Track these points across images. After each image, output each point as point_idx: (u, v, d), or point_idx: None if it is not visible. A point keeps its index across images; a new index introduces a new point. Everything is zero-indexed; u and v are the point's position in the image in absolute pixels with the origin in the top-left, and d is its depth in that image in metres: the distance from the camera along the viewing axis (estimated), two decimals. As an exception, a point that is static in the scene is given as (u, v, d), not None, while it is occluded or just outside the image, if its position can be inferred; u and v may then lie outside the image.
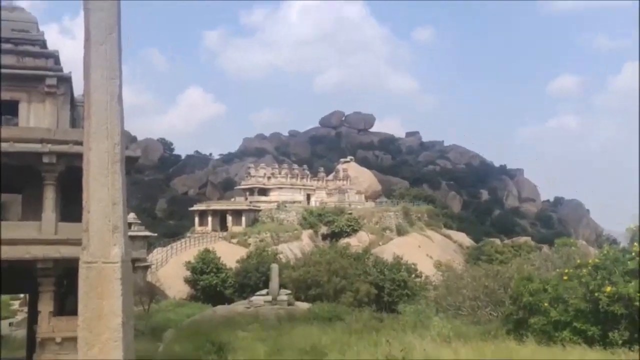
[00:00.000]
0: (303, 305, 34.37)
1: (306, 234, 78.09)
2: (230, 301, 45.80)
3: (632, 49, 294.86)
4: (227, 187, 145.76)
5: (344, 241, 74.39)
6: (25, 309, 39.19)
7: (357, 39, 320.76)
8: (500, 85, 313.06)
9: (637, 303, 14.57)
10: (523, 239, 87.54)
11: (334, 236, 79.32)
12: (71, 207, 17.61)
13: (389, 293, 49.75)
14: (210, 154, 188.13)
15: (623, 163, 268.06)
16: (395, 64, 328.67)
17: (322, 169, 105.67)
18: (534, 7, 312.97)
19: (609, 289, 15.00)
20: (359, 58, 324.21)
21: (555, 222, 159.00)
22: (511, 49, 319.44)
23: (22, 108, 20.64)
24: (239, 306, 34.67)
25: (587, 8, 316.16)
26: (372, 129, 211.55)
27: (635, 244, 16.10)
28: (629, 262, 15.56)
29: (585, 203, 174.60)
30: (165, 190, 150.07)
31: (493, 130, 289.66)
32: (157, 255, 63.59)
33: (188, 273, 55.60)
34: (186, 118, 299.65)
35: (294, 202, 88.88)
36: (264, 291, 35.73)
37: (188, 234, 78.36)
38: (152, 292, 42.96)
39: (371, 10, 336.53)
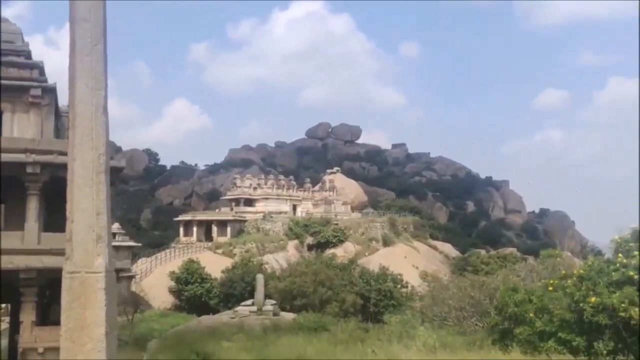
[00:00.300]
0: (288, 316, 34.31)
1: (292, 244, 77.97)
2: (215, 311, 45.64)
3: (617, 64, 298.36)
4: (212, 198, 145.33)
5: (330, 252, 74.33)
6: (7, 319, 38.76)
7: (343, 53, 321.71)
8: (486, 99, 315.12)
9: (621, 313, 14.70)
10: (509, 250, 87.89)
11: (320, 247, 79.20)
12: (54, 217, 17.53)
13: (375, 303, 49.73)
14: (196, 165, 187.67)
15: (608, 176, 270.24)
16: (382, 77, 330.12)
17: (308, 179, 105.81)
18: (520, 23, 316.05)
19: (593, 299, 15.12)
20: (346, 72, 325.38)
21: (540, 234, 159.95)
22: (497, 64, 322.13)
23: (6, 118, 20.54)
24: (224, 316, 34.54)
25: (572, 23, 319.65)
26: (359, 141, 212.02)
27: (620, 255, 16.25)
28: (613, 273, 15.69)
29: (571, 215, 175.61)
30: (150, 201, 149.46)
31: (479, 142, 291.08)
32: (141, 265, 63.27)
33: (172, 283, 55.39)
34: (172, 130, 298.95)
35: (280, 212, 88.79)
36: (249, 301, 35.64)
37: (173, 245, 78.02)
38: (136, 302, 42.69)
39: (358, 25, 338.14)
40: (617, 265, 15.87)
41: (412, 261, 76.09)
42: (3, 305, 48.97)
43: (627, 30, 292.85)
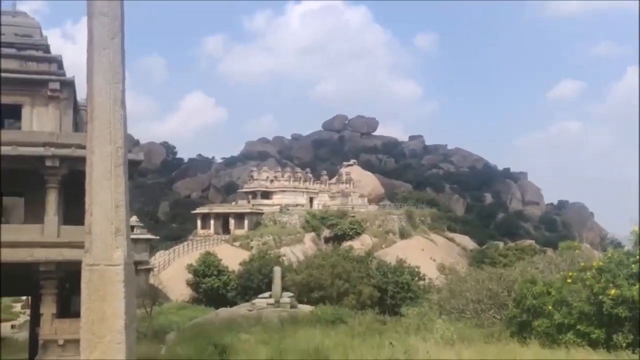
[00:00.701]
0: (306, 308, 34.39)
1: (309, 237, 78.20)
2: (232, 304, 45.87)
3: (634, 55, 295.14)
4: (229, 191, 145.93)
5: (346, 244, 74.52)
6: (27, 311, 39.26)
7: (359, 45, 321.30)
8: (502, 91, 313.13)
9: (640, 306, 14.57)
10: (527, 242, 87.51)
11: (337, 239, 79.40)
12: (73, 210, 17.69)
13: (392, 296, 49.85)
14: (213, 158, 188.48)
15: (626, 167, 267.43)
16: (398, 69, 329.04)
17: (325, 172, 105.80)
18: (536, 13, 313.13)
19: (613, 291, 15.00)
20: (362, 64, 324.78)
21: (559, 225, 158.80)
22: (513, 55, 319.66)
23: (26, 112, 20.72)
24: (242, 309, 34.70)
25: (589, 13, 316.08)
26: (375, 133, 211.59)
27: None
28: (632, 265, 15.56)
29: (589, 206, 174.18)
30: (167, 194, 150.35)
31: (496, 134, 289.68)
32: (159, 258, 63.76)
33: (190, 276, 55.75)
34: (188, 122, 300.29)
35: (297, 205, 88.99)
36: (267, 294, 35.76)
37: (190, 237, 78.51)
38: (154, 295, 42.99)
39: (374, 16, 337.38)
40: (637, 257, 15.73)
41: (429, 253, 76.00)
42: (24, 298, 49.64)
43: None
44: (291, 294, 37.02)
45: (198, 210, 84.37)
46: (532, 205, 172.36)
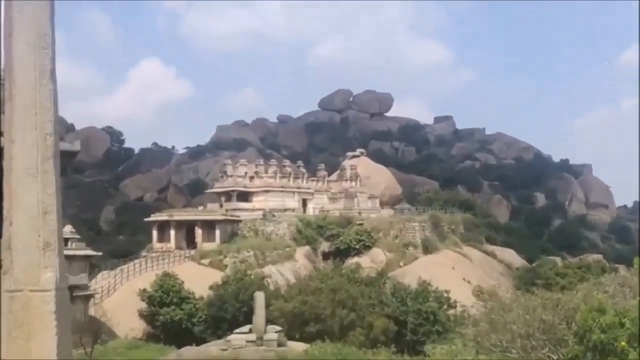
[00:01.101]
0: (298, 347, 34.45)
1: (302, 252, 78.18)
2: (200, 341, 45.81)
3: None
4: (195, 191, 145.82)
5: (352, 261, 74.49)
6: None
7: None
8: (557, 59, 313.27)
9: None
10: (592, 257, 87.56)
11: (339, 255, 79.41)
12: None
13: (413, 330, 49.80)
14: (173, 148, 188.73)
15: None
16: (420, 29, 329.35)
17: (322, 166, 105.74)
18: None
19: None
20: (372, 21, 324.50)
21: (634, 235, 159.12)
22: (568, 18, 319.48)
23: None
24: (213, 348, 34.72)
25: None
26: (390, 113, 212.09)
27: None
28: None
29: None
30: (113, 195, 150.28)
31: (550, 114, 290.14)
32: (102, 281, 63.66)
33: (144, 305, 55.65)
34: (140, 100, 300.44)
35: (286, 209, 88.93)
36: (246, 328, 35.80)
37: (144, 253, 78.37)
38: (96, 330, 42.98)
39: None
40: None
41: (462, 273, 75.99)
42: None
43: None
44: (279, 328, 37.06)
45: (153, 218, 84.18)
46: (599, 209, 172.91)
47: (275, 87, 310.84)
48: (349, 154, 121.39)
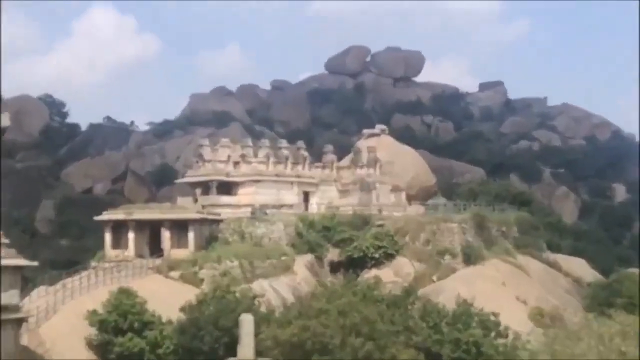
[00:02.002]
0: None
1: (302, 261, 78.14)
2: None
3: None
4: (161, 181, 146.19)
5: (369, 274, 74.44)
6: None
7: None
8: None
9: None
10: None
11: (352, 266, 79.51)
12: None
13: (451, 365, 49.91)
14: (132, 123, 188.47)
15: None
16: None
17: (330, 147, 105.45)
18: None
19: None
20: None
21: None
22: None
23: None
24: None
25: None
26: (420, 78, 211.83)
27: None
28: None
29: None
30: (52, 186, 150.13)
31: (634, 82, 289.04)
32: (38, 299, 63.60)
33: (93, 331, 55.65)
34: (89, 61, 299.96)
35: (282, 205, 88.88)
36: (229, 362, 35.88)
37: (93, 263, 78.37)
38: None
39: None
40: None
41: (515, 290, 75.91)
42: None
43: None
44: (272, 362, 37.13)
45: (106, 216, 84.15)
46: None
47: (268, 43, 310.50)
48: (366, 131, 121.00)
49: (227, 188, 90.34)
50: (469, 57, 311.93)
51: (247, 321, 36.69)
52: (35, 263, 59.34)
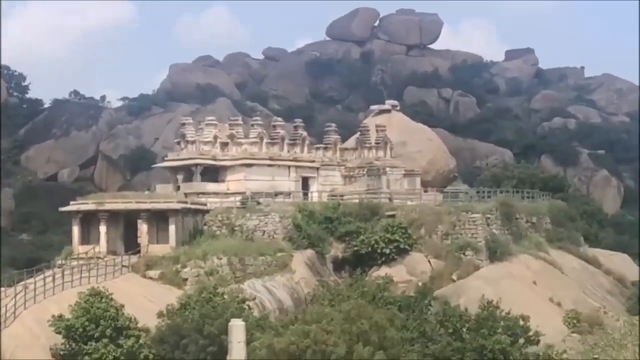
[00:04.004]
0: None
1: (301, 258, 78.25)
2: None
3: None
4: (137, 165, 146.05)
5: (379, 273, 74.58)
6: None
7: None
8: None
9: None
10: None
11: (360, 263, 79.80)
12: None
13: (474, 376, 50.03)
14: (103, 98, 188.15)
15: None
16: None
17: (333, 126, 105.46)
18: None
19: None
20: None
21: None
22: None
23: None
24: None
25: None
26: (437, 45, 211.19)
27: None
28: None
29: None
30: (11, 172, 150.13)
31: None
32: (-4, 303, 63.78)
33: (59, 338, 55.67)
34: (53, 25, 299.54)
35: (277, 193, 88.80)
36: (216, 375, 35.99)
37: (59, 261, 78.39)
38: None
39: None
40: None
41: (548, 290, 76.08)
42: None
43: None
44: (266, 375, 37.22)
45: (74, 206, 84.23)
46: None
47: (259, 4, 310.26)
48: (374, 107, 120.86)
49: (213, 173, 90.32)
50: (493, 20, 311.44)
51: (237, 327, 36.75)
52: (-7, 261, 59.48)
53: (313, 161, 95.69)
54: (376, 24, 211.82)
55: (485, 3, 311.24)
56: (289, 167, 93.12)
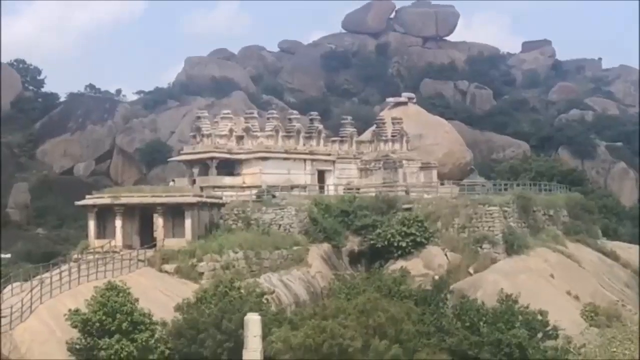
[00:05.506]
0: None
1: (318, 252, 78.29)
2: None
3: None
4: (153, 159, 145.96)
5: (395, 266, 74.59)
6: None
7: None
8: None
9: None
10: None
11: (376, 256, 79.80)
12: None
13: (492, 370, 49.96)
14: (119, 92, 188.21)
15: None
16: None
17: (349, 119, 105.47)
18: None
19: None
20: None
21: None
22: None
23: None
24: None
25: None
26: (453, 37, 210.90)
27: None
28: None
29: None
30: (26, 166, 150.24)
31: None
32: (12, 298, 63.75)
33: (75, 333, 55.64)
34: (67, 19, 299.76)
35: (293, 186, 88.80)
36: (233, 370, 35.94)
37: (75, 255, 78.43)
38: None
39: None
40: None
41: (565, 283, 75.92)
42: None
43: None
44: (283, 369, 37.17)
45: (90, 200, 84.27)
46: None
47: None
48: (390, 100, 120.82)
49: (229, 167, 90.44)
50: (510, 11, 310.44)
51: (253, 322, 36.77)
52: (8, 255, 59.63)
53: (329, 154, 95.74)
54: (392, 16, 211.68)
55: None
56: (304, 160, 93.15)
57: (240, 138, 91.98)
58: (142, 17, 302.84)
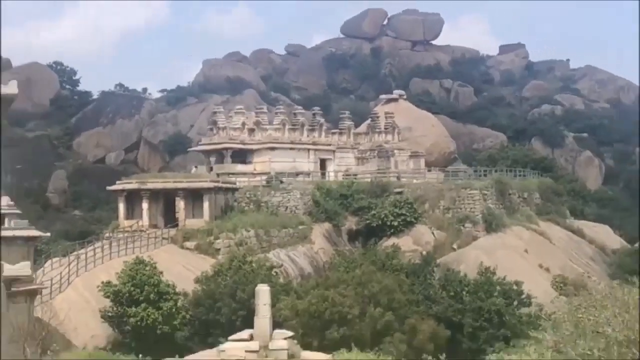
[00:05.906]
0: (315, 357, 34.56)
1: (320, 230, 78.45)
2: (184, 351, 45.96)
3: None
4: (175, 149, 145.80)
5: (388, 243, 74.70)
6: None
7: None
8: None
9: None
10: None
11: (371, 234, 79.98)
12: None
13: (472, 334, 50.05)
14: (145, 90, 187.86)
15: None
16: None
17: (347, 113, 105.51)
18: None
19: None
20: None
21: None
22: None
23: None
24: (201, 361, 34.86)
25: None
26: (438, 41, 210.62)
27: None
28: None
29: None
30: (64, 156, 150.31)
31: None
32: (52, 271, 63.78)
33: (107, 302, 55.74)
34: (99, 25, 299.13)
35: (298, 173, 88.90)
36: (246, 333, 35.92)
37: (107, 234, 78.52)
38: (44, 337, 43.22)
39: None
40: None
41: (538, 258, 76.00)
42: None
43: None
44: (290, 334, 37.14)
45: (119, 186, 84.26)
46: None
47: (281, 5, 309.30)
48: (383, 96, 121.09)
49: (242, 156, 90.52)
50: (489, 18, 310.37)
51: (264, 292, 36.69)
52: (48, 234, 59.59)
53: (329, 145, 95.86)
54: (385, 22, 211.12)
55: (481, 3, 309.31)
56: (308, 150, 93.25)
57: (251, 131, 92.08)
58: (165, 21, 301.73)
